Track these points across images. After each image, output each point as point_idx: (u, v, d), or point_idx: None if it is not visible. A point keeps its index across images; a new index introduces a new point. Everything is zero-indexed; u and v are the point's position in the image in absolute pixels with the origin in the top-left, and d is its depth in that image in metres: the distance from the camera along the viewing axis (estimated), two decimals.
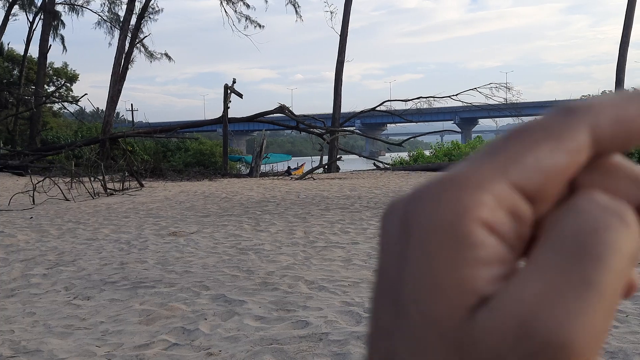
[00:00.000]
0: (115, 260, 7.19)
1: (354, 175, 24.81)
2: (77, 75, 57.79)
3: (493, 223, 0.22)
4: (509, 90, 31.76)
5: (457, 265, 0.22)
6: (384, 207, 0.23)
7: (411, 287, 0.22)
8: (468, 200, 0.22)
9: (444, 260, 0.22)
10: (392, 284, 0.23)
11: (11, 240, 8.75)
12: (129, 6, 30.08)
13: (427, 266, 0.22)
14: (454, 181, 0.23)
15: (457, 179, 0.23)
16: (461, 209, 0.22)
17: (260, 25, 37.54)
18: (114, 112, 31.43)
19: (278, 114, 28.20)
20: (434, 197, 0.23)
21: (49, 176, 16.94)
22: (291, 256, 7.08)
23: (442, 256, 0.22)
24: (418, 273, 0.22)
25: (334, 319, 4.47)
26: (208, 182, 21.51)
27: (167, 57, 41.68)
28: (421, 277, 0.22)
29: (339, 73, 32.74)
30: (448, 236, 0.22)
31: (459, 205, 0.22)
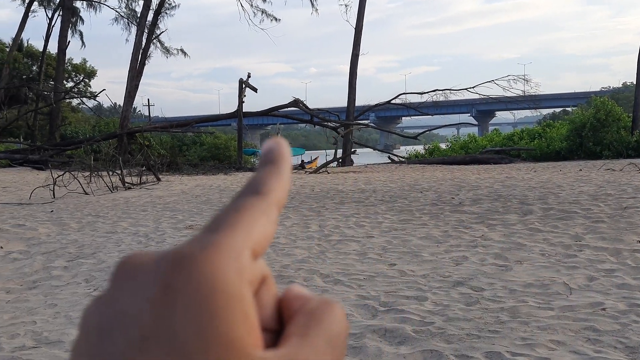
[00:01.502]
0: None
1: (369, 168, 24.81)
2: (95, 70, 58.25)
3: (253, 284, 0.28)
4: (527, 82, 31.51)
5: (241, 321, 0.25)
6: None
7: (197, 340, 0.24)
8: (237, 265, 0.26)
9: (229, 317, 0.25)
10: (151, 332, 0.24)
11: (33, 234, 8.90)
12: (146, 2, 30.22)
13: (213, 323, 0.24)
14: (219, 248, 0.26)
15: (220, 246, 0.26)
16: (234, 273, 0.26)
17: (277, 19, 37.57)
18: (131, 107, 31.66)
19: (292, 107, 28.25)
20: (207, 263, 0.25)
21: (68, 170, 17.15)
22: (306, 250, 7.14)
23: (226, 314, 0.25)
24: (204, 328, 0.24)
25: (350, 312, 4.53)
26: (223, 176, 21.63)
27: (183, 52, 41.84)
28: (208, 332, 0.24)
29: (354, 66, 32.68)
30: (227, 296, 0.25)
31: (233, 270, 0.26)
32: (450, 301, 4.76)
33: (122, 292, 0.26)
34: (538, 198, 10.75)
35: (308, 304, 0.30)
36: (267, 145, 0.33)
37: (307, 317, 0.29)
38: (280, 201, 0.31)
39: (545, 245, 6.86)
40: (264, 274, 0.30)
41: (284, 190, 0.31)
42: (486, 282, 5.34)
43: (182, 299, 0.25)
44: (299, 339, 0.27)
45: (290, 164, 0.33)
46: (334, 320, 0.29)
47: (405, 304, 4.70)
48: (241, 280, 0.26)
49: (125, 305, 0.26)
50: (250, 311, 0.26)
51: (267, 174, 0.31)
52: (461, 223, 8.56)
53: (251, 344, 0.25)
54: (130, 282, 0.26)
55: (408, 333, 4.00)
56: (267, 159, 0.32)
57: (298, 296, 0.31)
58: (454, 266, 6.02)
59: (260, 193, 0.30)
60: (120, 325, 0.25)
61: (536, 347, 3.70)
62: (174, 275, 0.25)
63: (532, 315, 4.34)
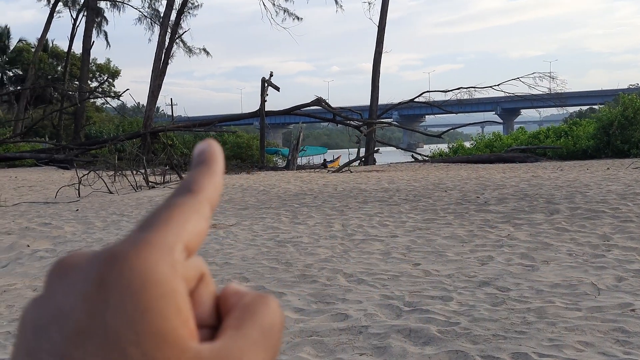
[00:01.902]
0: None
1: (392, 167, 24.71)
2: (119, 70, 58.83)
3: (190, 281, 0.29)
4: (553, 79, 31.13)
5: (175, 314, 0.26)
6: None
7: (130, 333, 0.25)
8: (169, 260, 0.27)
9: (162, 311, 0.26)
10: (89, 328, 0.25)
11: (58, 232, 8.99)
12: (169, 2, 30.44)
13: (146, 316, 0.25)
14: (151, 244, 0.27)
15: (151, 243, 0.27)
16: (166, 268, 0.27)
17: (299, 18, 37.60)
18: (154, 107, 31.92)
19: (315, 106, 28.24)
20: (138, 259, 0.26)
21: (93, 170, 17.33)
22: (329, 249, 7.11)
23: (158, 307, 0.26)
24: (137, 322, 0.25)
25: (374, 312, 4.49)
26: (246, 175, 21.70)
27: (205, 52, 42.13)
28: (141, 326, 0.25)
29: (377, 64, 32.57)
30: (160, 290, 0.26)
31: (165, 264, 0.27)
32: (475, 301, 4.70)
33: (57, 290, 0.27)
34: (565, 197, 10.61)
35: (243, 299, 0.31)
36: (199, 146, 0.34)
37: (242, 311, 0.30)
38: (212, 199, 0.32)
39: (573, 245, 6.75)
40: (201, 271, 0.30)
41: (216, 188, 0.32)
42: (512, 282, 5.26)
43: (114, 294, 0.25)
44: (234, 331, 0.28)
45: (222, 163, 0.34)
46: (267, 313, 0.30)
47: (430, 304, 4.64)
48: (174, 275, 0.27)
49: (60, 302, 0.26)
50: (183, 304, 0.27)
51: (198, 174, 0.32)
52: (486, 222, 8.47)
53: (185, 336, 0.26)
54: (65, 280, 0.27)
55: (433, 333, 3.95)
56: (199, 160, 0.33)
57: (235, 292, 0.31)
58: (480, 266, 5.95)
59: (192, 192, 0.31)
60: (55, 322, 0.26)
61: (564, 349, 3.63)
62: (106, 272, 0.26)
63: (560, 315, 4.27)
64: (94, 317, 0.25)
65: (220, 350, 0.27)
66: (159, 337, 0.25)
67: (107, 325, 0.25)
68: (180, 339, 0.26)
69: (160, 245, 0.27)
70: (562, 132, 28.96)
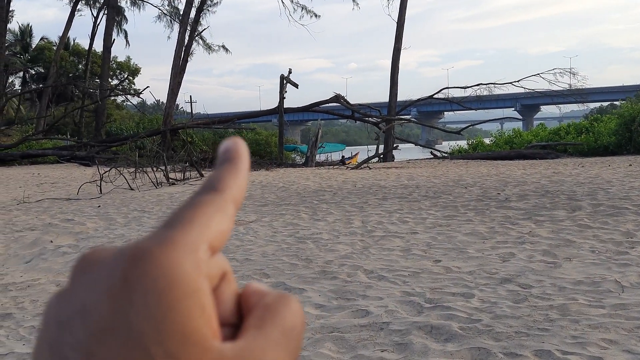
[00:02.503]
0: None
1: (411, 164, 24.63)
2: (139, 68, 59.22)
3: (212, 279, 0.29)
4: (573, 75, 30.79)
5: (198, 313, 0.26)
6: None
7: (154, 331, 0.25)
8: (193, 259, 0.27)
9: (186, 310, 0.26)
10: (110, 326, 0.25)
11: (81, 228, 9.09)
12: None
13: (170, 315, 0.25)
14: (175, 242, 0.27)
15: (176, 242, 0.27)
16: (191, 267, 0.27)
17: (316, 15, 37.57)
18: (174, 104, 32.11)
19: (333, 103, 28.21)
20: (163, 257, 0.26)
21: (114, 166, 17.48)
22: (349, 245, 7.11)
23: (183, 306, 0.26)
24: (161, 320, 0.25)
25: (395, 308, 4.49)
26: (265, 171, 21.75)
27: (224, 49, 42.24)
28: (165, 324, 0.25)
29: (396, 60, 32.44)
30: (184, 289, 0.26)
31: (189, 263, 0.27)
32: (497, 298, 4.67)
33: (82, 286, 0.27)
34: (587, 194, 10.50)
35: (265, 298, 0.31)
36: (224, 144, 0.34)
37: (263, 311, 0.30)
38: (237, 198, 0.32)
39: (595, 242, 6.69)
40: (223, 270, 0.30)
41: (241, 187, 0.32)
42: (534, 279, 5.23)
43: (139, 292, 0.25)
44: (255, 331, 0.28)
45: (247, 162, 0.33)
46: (289, 313, 0.30)
47: (451, 301, 4.63)
48: (198, 274, 0.27)
49: (84, 298, 0.26)
50: (207, 303, 0.27)
51: (223, 172, 0.32)
52: (507, 219, 8.41)
53: (208, 335, 0.26)
54: (89, 275, 0.27)
55: (455, 330, 3.94)
56: (224, 158, 0.33)
57: (256, 291, 0.31)
58: (501, 263, 5.91)
59: (217, 190, 0.31)
60: (79, 317, 0.26)
61: (587, 346, 3.60)
62: (131, 269, 0.26)
63: (583, 313, 4.23)
64: (118, 314, 0.25)
65: (242, 349, 0.27)
66: (183, 336, 0.25)
67: (131, 323, 0.25)
68: (203, 338, 0.26)
69: (185, 244, 0.27)
70: (582, 128, 28.64)
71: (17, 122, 44.13)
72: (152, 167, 17.91)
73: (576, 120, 33.94)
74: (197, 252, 0.27)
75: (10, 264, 7.04)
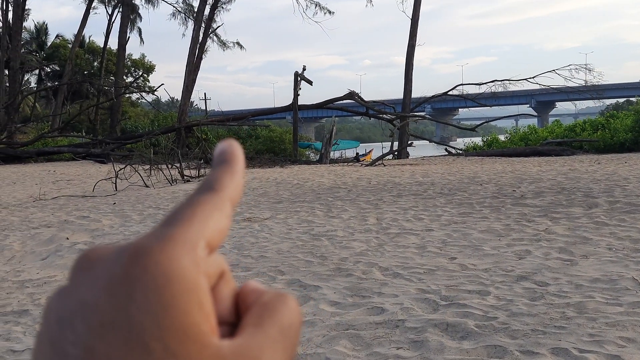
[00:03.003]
0: None
1: (425, 161, 24.55)
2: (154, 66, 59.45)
3: (211, 277, 0.29)
4: (589, 71, 30.51)
5: (197, 309, 0.27)
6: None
7: (154, 327, 0.25)
8: (192, 256, 0.28)
9: (185, 306, 0.26)
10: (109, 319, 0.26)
11: (97, 225, 9.15)
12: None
13: (169, 311, 0.26)
14: (174, 240, 0.28)
15: (175, 239, 0.28)
16: (189, 264, 0.27)
17: (330, 12, 37.50)
18: (188, 101, 32.21)
19: (347, 100, 28.17)
20: (162, 254, 0.27)
21: (129, 163, 17.57)
22: (364, 242, 7.11)
23: (181, 303, 0.26)
24: (160, 316, 0.26)
25: (410, 306, 4.48)
26: (279, 168, 21.77)
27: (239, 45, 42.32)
28: (164, 320, 0.26)
29: (410, 57, 32.32)
30: (183, 286, 0.27)
31: (188, 260, 0.27)
32: (513, 296, 4.65)
33: (82, 282, 0.27)
34: (603, 191, 10.42)
35: (263, 297, 0.31)
36: (220, 146, 0.35)
37: (261, 309, 0.30)
38: (234, 197, 0.33)
39: (612, 240, 6.63)
40: (222, 268, 0.31)
41: (237, 187, 0.33)
42: (551, 276, 5.19)
43: (138, 289, 0.26)
44: (253, 329, 0.29)
45: (242, 163, 0.34)
46: (286, 312, 0.30)
47: (467, 299, 4.61)
48: (196, 271, 0.27)
49: (84, 294, 0.27)
50: (205, 300, 0.27)
51: (220, 173, 0.33)
52: (523, 216, 8.36)
53: (207, 332, 0.27)
54: (90, 272, 0.28)
55: (471, 328, 3.93)
56: (220, 159, 0.34)
57: (254, 290, 0.32)
58: (517, 260, 5.88)
59: (214, 190, 0.32)
60: (80, 313, 0.26)
61: (605, 344, 3.57)
62: (131, 266, 0.27)
63: (600, 311, 4.20)
64: (118, 310, 0.26)
65: (240, 346, 0.28)
66: (182, 332, 0.26)
67: (131, 318, 0.26)
68: (201, 334, 0.26)
69: (184, 241, 0.28)
70: (598, 124, 28.39)
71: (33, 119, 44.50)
72: (166, 164, 17.98)
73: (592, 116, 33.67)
74: (195, 249, 0.28)
75: (27, 261, 7.11)
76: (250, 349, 0.28)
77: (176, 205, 0.31)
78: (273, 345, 0.29)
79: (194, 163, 20.07)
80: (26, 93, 45.04)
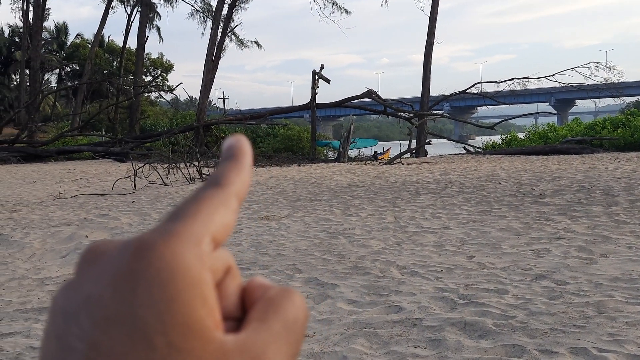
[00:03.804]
0: None
1: (444, 159, 24.44)
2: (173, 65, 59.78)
3: (217, 273, 0.29)
4: (609, 69, 30.20)
5: (201, 304, 0.26)
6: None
7: (157, 322, 0.25)
8: (197, 251, 0.28)
9: (189, 301, 0.26)
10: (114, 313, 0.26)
11: (115, 223, 9.23)
12: None
13: (173, 306, 0.26)
14: (179, 235, 0.28)
15: (180, 234, 0.28)
16: (194, 259, 0.27)
17: (347, 11, 37.46)
18: (207, 100, 32.37)
19: (365, 98, 28.12)
20: (167, 249, 0.27)
21: (148, 162, 17.70)
22: (382, 241, 7.09)
23: (185, 297, 0.26)
24: (164, 311, 0.26)
25: (428, 304, 4.46)
26: (297, 167, 21.79)
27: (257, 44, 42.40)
28: (168, 315, 0.26)
29: (428, 55, 32.20)
30: (187, 281, 0.26)
31: (192, 255, 0.27)
32: (532, 295, 4.62)
33: (88, 277, 0.28)
34: (623, 189, 10.30)
35: (268, 292, 0.31)
36: (228, 141, 0.35)
37: (266, 304, 0.30)
38: (240, 193, 0.32)
39: (633, 238, 6.56)
40: (228, 264, 0.31)
41: (244, 182, 0.33)
42: (570, 275, 5.15)
43: (143, 283, 0.26)
44: (258, 324, 0.29)
45: (250, 158, 0.34)
46: (291, 307, 0.30)
47: (485, 297, 4.59)
48: (201, 266, 0.27)
49: (89, 289, 0.27)
50: (209, 295, 0.27)
51: (227, 168, 0.33)
52: (542, 215, 8.30)
53: (211, 327, 0.27)
54: (95, 267, 0.28)
55: (489, 327, 3.91)
56: (228, 154, 0.34)
57: (260, 285, 0.32)
58: (536, 259, 5.84)
59: (220, 185, 0.32)
60: (85, 308, 0.26)
61: (625, 344, 3.54)
62: (136, 261, 0.27)
63: (620, 310, 4.16)
64: (123, 305, 0.26)
65: (244, 341, 0.28)
66: (185, 327, 0.26)
67: (135, 313, 0.26)
68: (205, 329, 0.26)
69: (188, 236, 0.28)
70: (619, 122, 28.08)
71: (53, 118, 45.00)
72: (185, 162, 18.09)
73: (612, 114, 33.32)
74: (200, 244, 0.28)
75: (47, 259, 7.19)
76: (254, 344, 0.28)
77: (182, 200, 0.31)
78: (277, 341, 0.29)
79: (212, 161, 20.15)
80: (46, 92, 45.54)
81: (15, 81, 60.29)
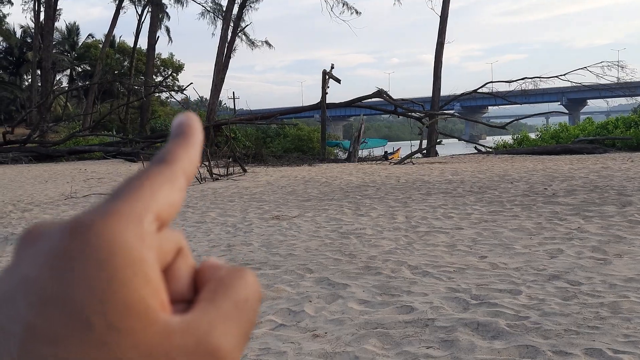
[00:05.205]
0: (223, 242, 7.44)
1: (455, 159, 24.35)
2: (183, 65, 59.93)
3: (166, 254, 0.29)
4: (621, 68, 29.99)
5: (143, 284, 0.25)
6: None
7: (95, 302, 0.24)
8: (137, 229, 0.26)
9: (128, 280, 0.25)
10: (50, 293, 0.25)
11: None
12: None
13: (111, 285, 0.25)
14: (118, 213, 0.26)
15: (119, 213, 0.26)
16: (134, 238, 0.26)
17: (357, 12, 37.39)
18: (217, 100, 32.41)
19: (375, 98, 28.07)
20: (105, 228, 0.26)
21: None
22: (393, 241, 7.06)
23: (125, 277, 0.25)
24: (102, 291, 0.24)
25: (440, 304, 4.43)
26: (307, 167, 21.78)
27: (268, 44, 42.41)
28: (106, 295, 0.24)
29: (439, 55, 32.11)
30: (127, 260, 0.25)
31: (132, 234, 0.26)
32: (545, 295, 4.57)
33: (25, 259, 0.26)
34: (637, 189, 10.21)
35: (219, 272, 0.30)
36: (177, 119, 0.33)
37: (216, 284, 0.29)
38: (188, 170, 0.31)
39: None
40: (179, 245, 0.30)
41: (192, 159, 0.32)
42: (584, 276, 5.10)
43: (80, 263, 0.25)
44: (206, 304, 0.28)
45: (200, 136, 0.33)
46: (243, 286, 0.30)
47: (498, 298, 4.55)
48: (141, 245, 0.26)
49: (26, 271, 0.26)
50: (153, 275, 0.26)
51: (174, 145, 0.32)
52: (555, 215, 8.24)
53: (155, 307, 0.26)
54: (32, 249, 0.27)
55: (502, 327, 3.87)
56: (176, 132, 0.32)
57: (212, 266, 0.31)
58: (549, 259, 5.79)
59: (166, 162, 0.31)
60: (21, 291, 0.25)
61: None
62: (73, 240, 0.25)
63: (635, 311, 4.11)
64: (59, 286, 0.25)
65: (190, 322, 0.27)
66: (125, 307, 0.25)
67: (72, 293, 0.25)
68: (148, 309, 0.25)
69: (129, 215, 0.27)
70: (631, 122, 27.85)
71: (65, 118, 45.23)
72: None
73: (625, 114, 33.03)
74: (141, 222, 0.27)
75: None
76: (200, 324, 0.27)
77: (125, 178, 0.29)
78: (226, 321, 0.28)
79: (223, 161, 20.17)
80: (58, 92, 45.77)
81: (27, 81, 60.67)
